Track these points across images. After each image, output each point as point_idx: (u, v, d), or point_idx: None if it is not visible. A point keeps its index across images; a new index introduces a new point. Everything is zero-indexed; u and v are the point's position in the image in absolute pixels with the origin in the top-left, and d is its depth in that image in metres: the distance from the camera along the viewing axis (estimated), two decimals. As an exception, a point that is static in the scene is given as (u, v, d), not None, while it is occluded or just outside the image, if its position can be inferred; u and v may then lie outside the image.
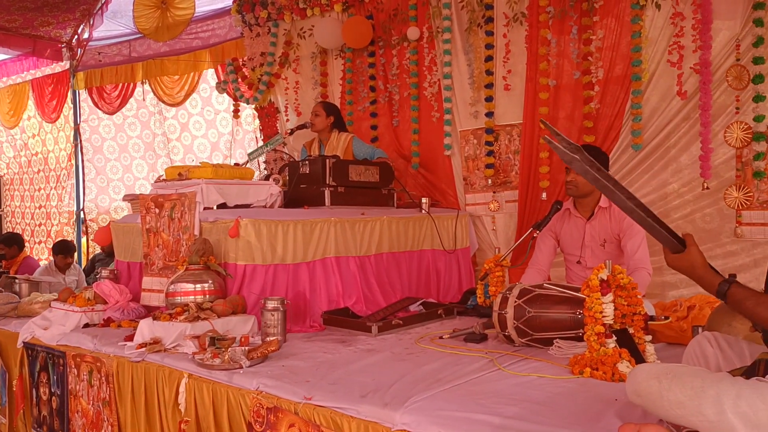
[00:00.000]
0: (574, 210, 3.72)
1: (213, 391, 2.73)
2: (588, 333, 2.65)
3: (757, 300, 1.69)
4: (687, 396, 1.65)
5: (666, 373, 1.73)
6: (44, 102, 8.90)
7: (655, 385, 1.72)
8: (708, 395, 1.62)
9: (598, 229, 3.63)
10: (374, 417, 2.20)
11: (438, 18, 5.18)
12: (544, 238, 3.80)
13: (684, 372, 1.72)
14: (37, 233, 9.20)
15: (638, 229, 3.47)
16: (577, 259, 3.72)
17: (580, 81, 4.49)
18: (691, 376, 1.69)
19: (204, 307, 3.33)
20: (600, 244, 3.63)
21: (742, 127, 3.92)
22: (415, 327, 3.69)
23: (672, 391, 1.68)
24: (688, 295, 3.74)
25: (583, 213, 3.69)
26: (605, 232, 3.61)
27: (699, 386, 1.65)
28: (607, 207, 3.61)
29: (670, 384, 1.69)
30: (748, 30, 3.88)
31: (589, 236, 3.66)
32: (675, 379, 1.69)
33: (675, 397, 1.67)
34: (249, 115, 6.98)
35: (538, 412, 2.10)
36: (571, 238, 3.74)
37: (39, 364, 3.76)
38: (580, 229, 3.70)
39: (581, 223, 3.69)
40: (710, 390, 1.63)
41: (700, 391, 1.64)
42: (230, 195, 3.91)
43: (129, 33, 7.74)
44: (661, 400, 1.70)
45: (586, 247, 3.67)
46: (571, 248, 3.76)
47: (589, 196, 3.63)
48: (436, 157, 5.29)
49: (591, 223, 3.65)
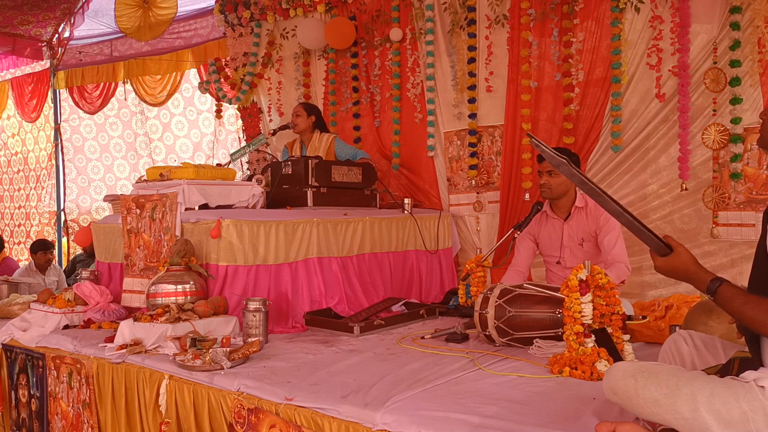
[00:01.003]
0: (551, 212, 3.76)
1: (194, 392, 2.73)
2: (567, 333, 2.68)
3: (744, 299, 1.71)
4: (662, 394, 1.68)
5: (642, 372, 1.76)
6: (24, 101, 8.80)
7: (631, 383, 1.75)
8: (683, 393, 1.65)
9: (575, 229, 3.68)
10: (355, 417, 2.21)
11: (421, 19, 5.20)
12: (522, 240, 3.83)
13: (659, 370, 1.75)
14: (16, 234, 9.10)
15: (614, 225, 3.52)
16: (557, 260, 3.76)
17: (561, 83, 4.52)
18: (666, 374, 1.72)
19: (185, 308, 3.32)
20: (578, 244, 3.67)
21: (719, 129, 3.97)
22: (397, 327, 3.70)
23: (647, 389, 1.71)
24: (667, 295, 3.79)
25: (559, 214, 3.73)
26: (583, 231, 3.66)
27: (674, 384, 1.68)
28: (583, 206, 3.66)
29: (645, 382, 1.72)
30: (725, 33, 3.94)
31: (567, 236, 3.70)
32: (651, 378, 1.72)
33: (650, 395, 1.70)
34: (232, 115, 6.96)
35: (517, 411, 2.12)
36: (550, 239, 3.78)
37: (18, 366, 3.72)
38: (558, 230, 3.74)
39: (558, 224, 3.74)
40: (685, 388, 1.66)
41: (675, 389, 1.67)
42: (212, 195, 3.90)
43: (110, 32, 7.67)
44: (636, 398, 1.73)
45: (564, 247, 3.72)
46: (550, 249, 3.80)
47: (563, 197, 3.68)
48: (419, 158, 5.31)
49: (568, 223, 3.70)
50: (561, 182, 3.61)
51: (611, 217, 3.48)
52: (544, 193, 3.69)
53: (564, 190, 3.64)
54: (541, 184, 3.67)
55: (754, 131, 3.88)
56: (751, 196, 3.90)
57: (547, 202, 3.78)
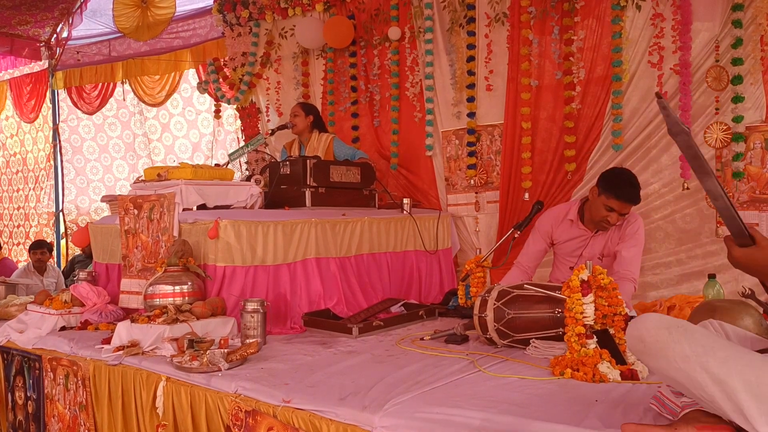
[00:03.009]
0: (579, 223, 3.63)
1: (191, 394, 2.70)
2: (569, 334, 2.65)
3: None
4: (695, 352, 1.61)
5: (677, 326, 1.70)
6: (22, 102, 8.77)
7: (665, 334, 1.68)
8: (717, 356, 1.59)
9: (600, 242, 3.57)
10: (353, 420, 2.19)
11: (420, 18, 5.17)
12: (535, 239, 3.73)
13: (696, 330, 1.70)
14: (15, 234, 9.08)
15: (638, 240, 3.43)
16: (571, 265, 3.64)
17: (562, 81, 4.49)
18: (702, 335, 1.67)
19: (183, 309, 3.30)
20: (598, 257, 3.58)
21: (721, 128, 3.94)
22: (396, 328, 3.67)
23: (680, 344, 1.64)
24: (669, 296, 3.76)
25: (590, 227, 3.60)
26: (606, 246, 3.55)
27: (710, 346, 1.62)
28: (620, 224, 3.51)
29: (680, 337, 1.66)
30: (727, 31, 3.91)
31: (590, 249, 3.60)
32: (686, 334, 1.66)
33: (682, 350, 1.63)
34: (230, 115, 6.93)
35: (517, 413, 2.08)
36: (571, 246, 3.67)
37: (14, 368, 3.70)
38: (582, 242, 3.63)
39: (586, 235, 3.61)
40: (720, 352, 1.60)
41: (709, 350, 1.60)
42: (210, 196, 3.87)
43: (109, 32, 7.65)
44: (666, 350, 1.66)
45: (583, 258, 3.59)
46: (567, 254, 3.71)
47: None
48: (418, 158, 5.28)
49: (596, 237, 3.59)
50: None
51: (637, 231, 3.45)
52: (603, 228, 3.51)
53: None
54: (607, 221, 3.43)
55: (756, 130, 3.85)
56: (755, 195, 3.87)
57: (577, 214, 3.62)
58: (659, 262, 4.19)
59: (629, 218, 3.52)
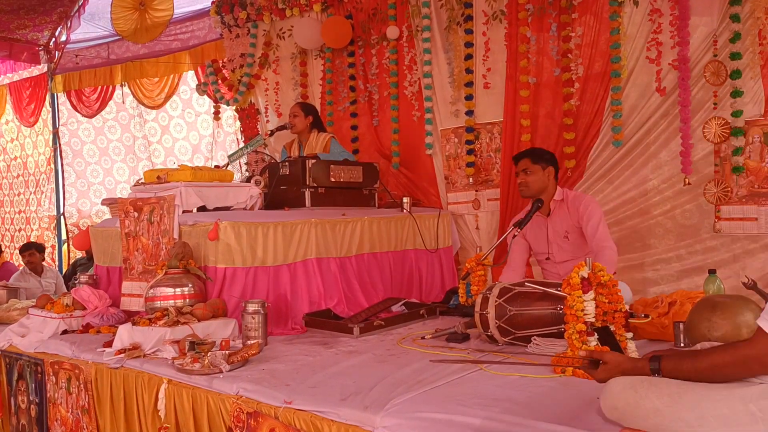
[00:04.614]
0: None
1: (193, 396, 2.70)
2: (569, 331, 2.64)
3: (692, 358, 1.69)
4: (664, 403, 1.63)
5: (642, 382, 1.72)
6: (22, 106, 8.78)
7: (632, 394, 1.71)
8: (686, 400, 1.61)
9: (558, 223, 3.75)
10: (354, 420, 2.19)
11: (417, 17, 5.17)
12: (516, 240, 3.84)
13: (659, 380, 1.71)
14: (17, 238, 9.08)
15: (594, 210, 3.60)
16: (546, 256, 3.84)
17: (560, 78, 4.49)
18: (666, 383, 1.68)
19: (184, 311, 3.30)
20: (564, 237, 3.74)
21: (719, 123, 3.93)
22: (398, 327, 3.67)
23: (648, 399, 1.66)
24: (669, 292, 3.75)
25: (542, 211, 3.78)
26: (566, 224, 3.73)
27: (676, 392, 1.63)
28: (562, 199, 3.73)
29: (646, 392, 1.67)
30: (725, 26, 3.90)
31: (552, 231, 3.78)
32: (651, 387, 1.68)
33: (652, 404, 1.65)
34: (230, 116, 6.93)
35: (519, 412, 2.08)
36: (536, 237, 3.85)
37: (17, 372, 3.70)
38: (543, 227, 3.82)
39: (542, 220, 3.81)
40: (687, 395, 1.61)
41: (677, 397, 1.62)
42: (209, 198, 3.87)
43: (107, 35, 7.66)
44: (638, 409, 1.68)
45: (551, 243, 3.79)
46: (538, 247, 3.88)
47: (542, 193, 3.74)
48: (418, 157, 5.28)
49: (551, 218, 3.78)
50: (537, 179, 3.71)
51: (590, 204, 3.64)
52: (522, 192, 3.78)
53: (542, 187, 3.72)
54: (519, 184, 3.77)
55: (755, 124, 3.85)
56: (754, 190, 3.87)
57: (530, 201, 3.81)
58: (659, 258, 4.18)
59: (577, 198, 3.72)
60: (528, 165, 3.74)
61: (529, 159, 3.76)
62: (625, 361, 1.89)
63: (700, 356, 1.69)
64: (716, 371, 1.63)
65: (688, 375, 1.69)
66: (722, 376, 1.63)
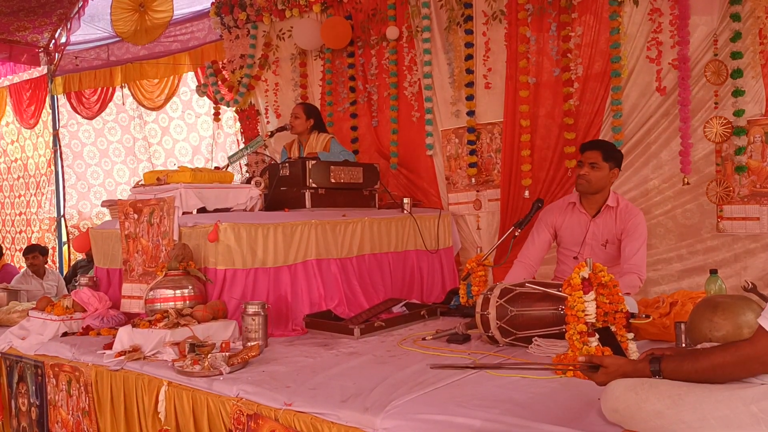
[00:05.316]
0: (580, 205, 3.65)
1: (193, 398, 2.69)
2: (570, 332, 2.64)
3: (693, 358, 1.68)
4: (665, 405, 1.62)
5: (642, 384, 1.71)
6: (22, 108, 8.79)
7: (632, 396, 1.70)
8: (687, 402, 1.60)
9: (602, 228, 3.58)
10: (355, 422, 2.18)
11: (417, 17, 5.16)
12: (539, 230, 3.72)
13: (659, 382, 1.70)
14: (17, 240, 9.09)
15: (641, 233, 3.45)
16: (575, 255, 3.65)
17: (560, 78, 4.48)
18: (667, 385, 1.67)
19: (184, 313, 3.29)
20: (602, 244, 3.58)
21: (721, 122, 3.92)
22: (398, 328, 3.66)
23: (649, 401, 1.65)
24: (670, 291, 3.74)
25: (589, 210, 3.62)
26: (609, 232, 3.56)
27: (676, 394, 1.62)
28: (615, 206, 3.55)
29: (647, 394, 1.67)
30: (725, 25, 3.89)
31: (592, 234, 3.60)
32: (652, 389, 1.67)
33: (652, 407, 1.65)
34: (230, 117, 6.93)
35: (520, 413, 2.07)
36: (572, 233, 3.67)
37: (17, 375, 3.69)
38: (583, 226, 3.63)
39: (585, 219, 3.62)
40: (688, 397, 1.61)
41: (677, 399, 1.61)
42: (209, 199, 3.86)
43: (107, 37, 7.66)
44: (639, 412, 1.68)
45: (586, 244, 3.61)
46: (569, 243, 3.70)
47: (599, 193, 3.57)
48: (418, 157, 5.27)
49: (596, 220, 3.59)
50: (601, 177, 3.50)
51: (640, 223, 3.45)
52: (580, 185, 3.56)
53: (602, 186, 3.53)
54: (580, 175, 3.53)
55: (757, 123, 3.84)
56: (755, 189, 3.86)
57: (577, 195, 3.67)
58: (660, 257, 4.18)
59: (630, 211, 3.54)
60: (598, 159, 3.49)
61: (600, 153, 3.50)
62: (626, 363, 1.89)
63: (700, 356, 1.68)
64: (717, 371, 1.63)
65: (688, 376, 1.69)
66: (723, 376, 1.63)
